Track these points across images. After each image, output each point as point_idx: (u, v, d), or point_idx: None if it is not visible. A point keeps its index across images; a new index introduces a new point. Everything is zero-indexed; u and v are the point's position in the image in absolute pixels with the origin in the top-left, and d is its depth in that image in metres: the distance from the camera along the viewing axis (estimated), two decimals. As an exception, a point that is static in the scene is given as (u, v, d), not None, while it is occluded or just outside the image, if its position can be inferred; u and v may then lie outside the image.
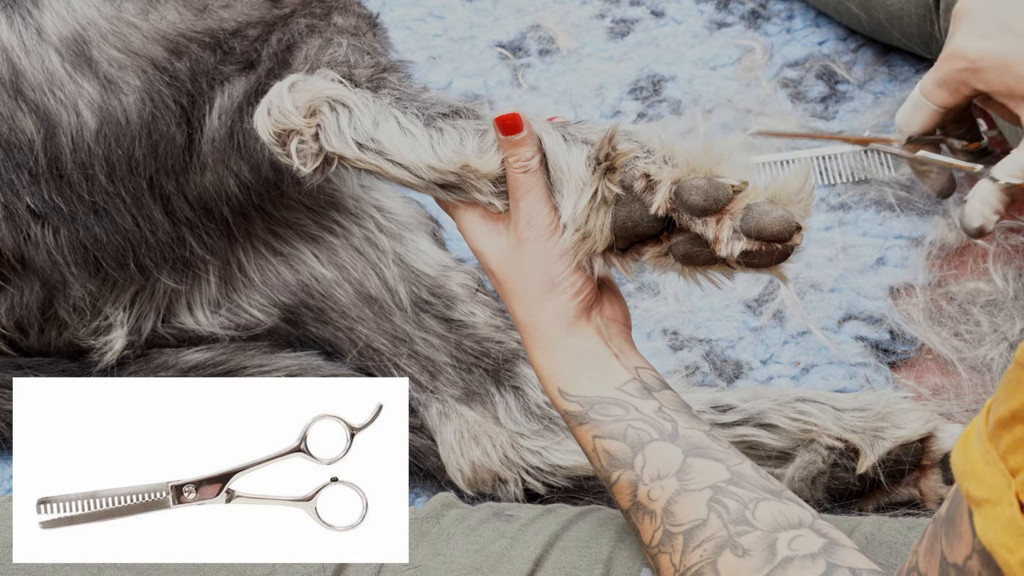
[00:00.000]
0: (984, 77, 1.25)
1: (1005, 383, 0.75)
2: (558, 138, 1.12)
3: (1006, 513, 0.74)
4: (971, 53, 1.25)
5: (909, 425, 1.34)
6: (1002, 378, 0.76)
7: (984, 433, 0.76)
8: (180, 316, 1.49)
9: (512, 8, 1.89)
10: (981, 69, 1.24)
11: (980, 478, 0.76)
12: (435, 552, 1.13)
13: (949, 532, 0.80)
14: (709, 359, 1.53)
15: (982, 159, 1.35)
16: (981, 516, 0.75)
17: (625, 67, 1.82)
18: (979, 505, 0.76)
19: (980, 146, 1.37)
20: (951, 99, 1.30)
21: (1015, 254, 1.56)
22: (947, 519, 0.81)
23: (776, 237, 1.05)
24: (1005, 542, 0.74)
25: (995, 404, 0.76)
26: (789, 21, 1.84)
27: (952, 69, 1.27)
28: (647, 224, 1.08)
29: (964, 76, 1.26)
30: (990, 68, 1.23)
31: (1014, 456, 0.74)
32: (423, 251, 1.52)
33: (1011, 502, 0.73)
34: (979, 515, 0.76)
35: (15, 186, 1.32)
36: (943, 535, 0.81)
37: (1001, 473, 0.75)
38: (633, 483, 1.06)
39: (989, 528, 0.75)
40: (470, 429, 1.41)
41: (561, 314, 1.11)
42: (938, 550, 0.82)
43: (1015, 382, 0.74)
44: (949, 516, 0.81)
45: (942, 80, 1.29)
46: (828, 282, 1.58)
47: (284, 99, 1.19)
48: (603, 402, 1.09)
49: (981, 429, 0.77)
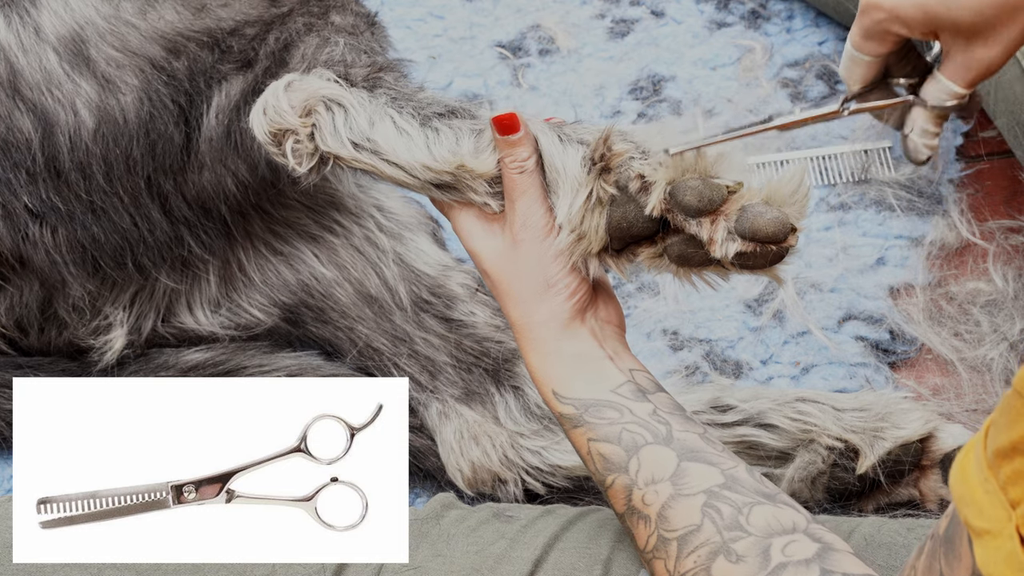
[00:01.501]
0: (904, 21, 1.32)
1: (1004, 410, 0.74)
2: (554, 138, 1.12)
3: (1006, 546, 0.73)
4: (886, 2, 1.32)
5: (909, 425, 1.34)
6: (1001, 402, 0.75)
7: (983, 460, 0.76)
8: (180, 316, 1.49)
9: (512, 8, 1.89)
10: (899, 15, 1.32)
11: (980, 508, 0.75)
12: (435, 553, 1.13)
13: (948, 553, 0.80)
14: (709, 359, 1.53)
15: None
16: (981, 547, 0.75)
17: (625, 67, 1.82)
18: (979, 536, 0.75)
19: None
20: (881, 48, 1.36)
21: (1015, 254, 1.56)
22: (946, 539, 0.81)
23: (771, 238, 1.04)
24: (1005, 575, 0.73)
25: (994, 430, 0.75)
26: (789, 21, 1.84)
27: (872, 21, 1.34)
28: (642, 225, 1.08)
29: (885, 24, 1.33)
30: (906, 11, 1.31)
31: (1014, 488, 0.74)
32: (423, 251, 1.52)
33: (1011, 535, 0.73)
34: (979, 546, 0.75)
35: (13, 185, 1.32)
36: (942, 555, 0.81)
37: (1001, 505, 0.74)
38: (628, 487, 1.05)
39: (989, 560, 0.74)
40: (470, 429, 1.41)
41: (556, 316, 1.11)
42: (937, 570, 0.82)
43: (1013, 411, 0.73)
44: (948, 537, 0.80)
45: (866, 32, 1.36)
46: (828, 282, 1.58)
47: (280, 98, 1.19)
48: (598, 405, 1.09)
49: (980, 454, 0.76)
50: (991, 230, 1.59)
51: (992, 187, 1.65)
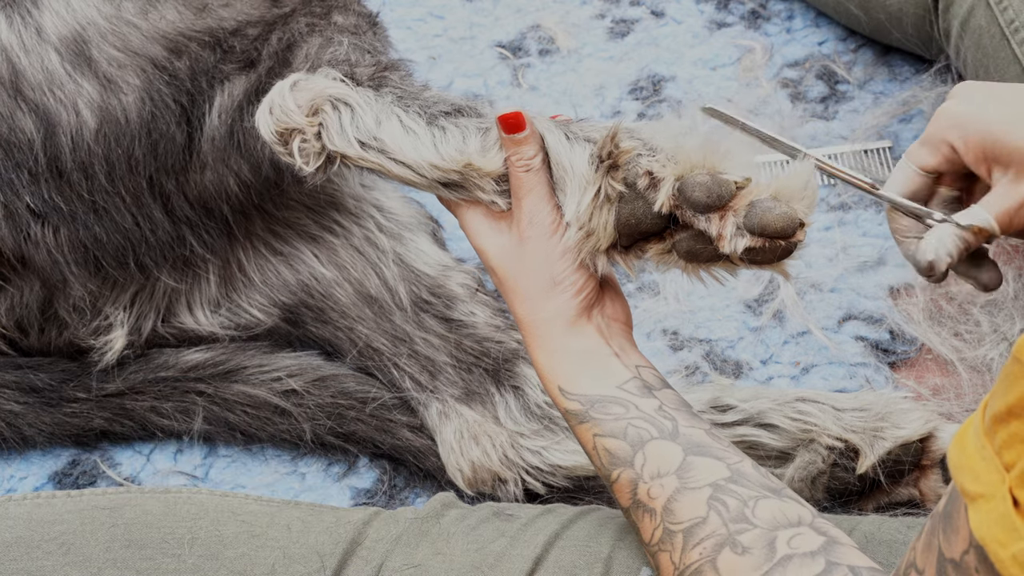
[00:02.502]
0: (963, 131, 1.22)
1: (1002, 378, 0.75)
2: (560, 136, 1.12)
3: (999, 508, 0.74)
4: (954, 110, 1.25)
5: (909, 425, 1.34)
6: (1000, 372, 0.76)
7: (980, 428, 0.77)
8: (180, 316, 1.49)
9: (512, 8, 1.90)
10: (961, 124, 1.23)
11: (975, 473, 0.76)
12: (435, 551, 1.13)
13: (947, 528, 0.80)
14: (709, 359, 1.53)
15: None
16: (975, 511, 0.76)
17: (625, 67, 1.82)
18: (973, 500, 0.76)
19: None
20: (931, 159, 1.26)
21: (1015, 254, 1.56)
22: (944, 515, 0.81)
23: (779, 233, 1.05)
24: (998, 537, 0.74)
25: (992, 398, 0.76)
26: (789, 21, 1.84)
27: (935, 128, 1.25)
28: (650, 221, 1.08)
29: (944, 132, 1.24)
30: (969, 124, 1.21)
31: (1009, 451, 0.74)
32: (423, 251, 1.52)
33: (1004, 497, 0.74)
34: (973, 510, 0.76)
35: (15, 185, 1.31)
36: (941, 531, 0.81)
37: (996, 468, 0.75)
38: (633, 481, 1.06)
39: (983, 523, 0.75)
40: (470, 429, 1.41)
41: (562, 313, 1.11)
42: (936, 546, 0.82)
43: (1011, 377, 0.74)
44: (947, 512, 0.81)
45: (925, 139, 1.27)
46: (828, 282, 1.58)
47: (286, 98, 1.19)
48: (604, 400, 1.09)
49: (978, 424, 0.77)
50: (991, 230, 1.59)
51: (991, 187, 1.65)
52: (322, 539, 1.15)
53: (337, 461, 1.49)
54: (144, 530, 1.15)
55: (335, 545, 1.15)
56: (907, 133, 1.69)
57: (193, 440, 1.49)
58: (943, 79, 1.70)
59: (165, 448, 1.50)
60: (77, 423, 1.47)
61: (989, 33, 1.55)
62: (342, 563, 1.13)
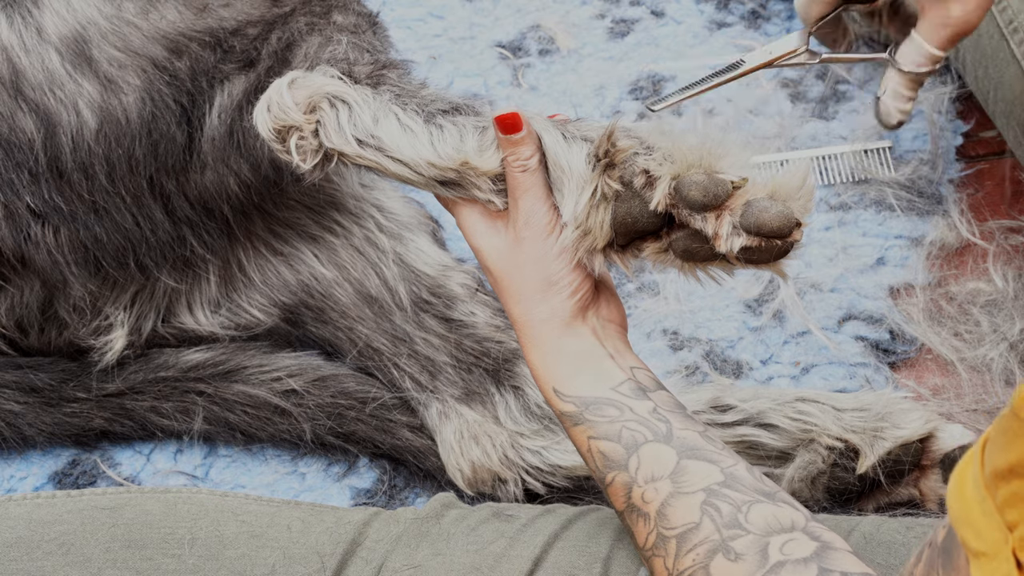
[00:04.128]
0: None
1: (1001, 431, 0.74)
2: (558, 136, 1.12)
3: (1003, 569, 0.74)
4: None
5: (909, 425, 1.34)
6: (998, 420, 0.75)
7: (980, 478, 0.76)
8: (180, 316, 1.49)
9: (512, 8, 1.90)
10: None
11: (977, 529, 0.76)
12: (435, 552, 1.13)
13: (946, 565, 0.80)
14: (709, 359, 1.53)
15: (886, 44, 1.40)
16: (978, 569, 0.75)
17: (625, 67, 1.82)
18: (976, 557, 0.76)
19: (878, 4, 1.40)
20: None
21: (1015, 254, 1.56)
22: (943, 550, 0.81)
23: (776, 233, 1.04)
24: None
25: (991, 447, 0.75)
26: (789, 21, 1.84)
27: None
28: (647, 220, 1.08)
29: None
30: None
31: (1011, 510, 0.74)
32: (423, 251, 1.51)
33: (1008, 558, 0.74)
34: (976, 567, 0.76)
35: (15, 185, 1.32)
36: (940, 567, 0.81)
37: (998, 526, 0.74)
38: (627, 485, 1.05)
39: None
40: (470, 429, 1.41)
41: (557, 313, 1.11)
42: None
43: (1011, 433, 0.73)
44: (945, 548, 0.81)
45: None
46: (828, 282, 1.58)
47: (284, 95, 1.19)
48: (598, 402, 1.09)
49: (977, 472, 0.77)
50: (991, 230, 1.59)
51: (992, 187, 1.65)
52: (322, 539, 1.15)
53: (337, 461, 1.49)
54: (144, 530, 1.15)
55: (335, 545, 1.15)
56: (907, 133, 1.69)
57: (193, 440, 1.49)
58: (943, 79, 1.70)
59: (165, 448, 1.50)
60: (77, 423, 1.47)
61: (988, 33, 1.55)
62: (342, 563, 1.13)
